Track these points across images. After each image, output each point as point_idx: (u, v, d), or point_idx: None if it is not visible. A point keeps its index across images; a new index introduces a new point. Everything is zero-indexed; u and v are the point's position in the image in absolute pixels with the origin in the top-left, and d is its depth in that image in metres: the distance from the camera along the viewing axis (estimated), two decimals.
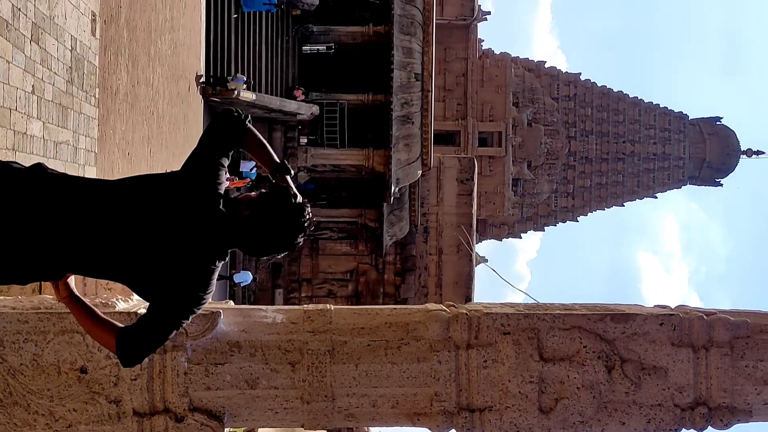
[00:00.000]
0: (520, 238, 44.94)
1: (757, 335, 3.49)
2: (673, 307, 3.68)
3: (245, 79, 21.87)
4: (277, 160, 3.24)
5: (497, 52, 41.02)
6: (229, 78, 21.40)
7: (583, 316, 3.44)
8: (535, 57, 57.57)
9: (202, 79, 20.10)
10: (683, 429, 3.43)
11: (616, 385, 3.41)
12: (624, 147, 43.67)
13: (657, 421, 3.43)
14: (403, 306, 3.60)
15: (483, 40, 40.44)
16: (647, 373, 3.43)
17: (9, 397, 3.13)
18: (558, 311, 3.47)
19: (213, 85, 20.97)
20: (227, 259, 3.21)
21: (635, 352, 3.43)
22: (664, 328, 3.46)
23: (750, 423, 3.49)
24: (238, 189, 25.66)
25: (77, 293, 3.01)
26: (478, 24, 38.88)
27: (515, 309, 3.51)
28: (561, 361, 3.40)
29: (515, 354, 3.38)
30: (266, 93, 24.62)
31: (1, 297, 3.46)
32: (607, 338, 3.42)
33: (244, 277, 25.37)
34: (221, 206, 3.11)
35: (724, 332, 3.45)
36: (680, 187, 46.95)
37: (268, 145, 3.28)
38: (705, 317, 3.49)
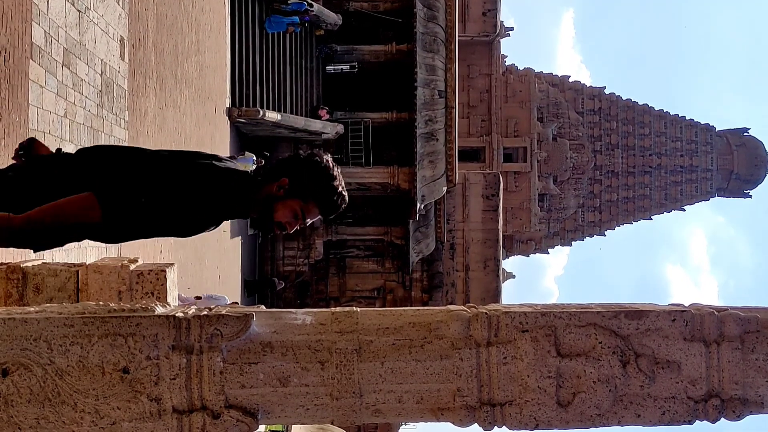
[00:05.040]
0: (548, 253, 44.80)
1: (767, 329, 3.62)
2: (686, 305, 3.82)
3: (255, 158, 21.33)
4: None
5: (521, 67, 41.15)
6: (237, 158, 20.35)
7: (598, 314, 3.60)
8: (559, 72, 57.51)
9: None
10: (697, 421, 3.57)
11: (631, 379, 3.55)
12: (650, 160, 43.51)
13: (671, 414, 3.56)
14: (426, 307, 3.78)
15: (506, 56, 40.61)
16: (661, 367, 3.57)
17: (57, 397, 3.33)
18: (574, 309, 3.63)
19: None
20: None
21: (649, 347, 3.58)
22: (677, 324, 3.60)
23: (762, 414, 3.62)
24: None
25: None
26: (501, 40, 39.08)
27: (533, 308, 3.68)
28: (577, 357, 3.55)
29: (533, 350, 3.54)
30: (291, 113, 24.95)
31: (47, 304, 3.68)
32: (621, 334, 3.57)
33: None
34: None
35: (734, 327, 3.58)
36: (708, 200, 46.60)
37: None
38: (716, 313, 3.63)
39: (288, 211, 3.58)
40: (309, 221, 3.68)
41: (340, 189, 3.57)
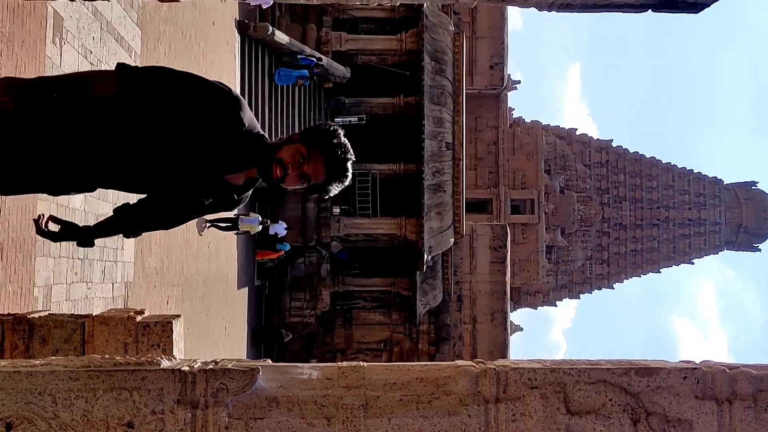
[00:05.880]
0: (556, 306, 44.59)
1: None
2: (697, 362, 3.79)
3: (260, 218, 20.47)
4: None
5: (528, 120, 41.41)
6: (242, 219, 19.70)
7: (608, 371, 3.56)
8: (566, 124, 57.90)
9: (206, 223, 17.88)
10: None
11: None
12: (658, 213, 43.50)
13: None
14: (434, 363, 3.75)
15: (513, 109, 40.89)
16: (672, 426, 3.52)
17: None
18: (583, 366, 3.59)
19: (222, 228, 19.06)
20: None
21: (660, 405, 3.53)
22: (688, 382, 3.56)
23: None
24: (272, 260, 25.88)
25: None
26: (508, 93, 39.35)
27: (542, 364, 3.64)
28: (587, 414, 3.51)
29: (543, 407, 3.50)
30: None
31: (53, 357, 3.67)
32: (631, 391, 3.53)
33: (279, 229, 24.14)
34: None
35: (747, 385, 3.54)
36: (717, 253, 46.50)
37: None
38: (728, 371, 3.59)
39: (293, 150, 3.44)
40: (312, 175, 3.46)
41: (347, 147, 3.47)
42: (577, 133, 43.09)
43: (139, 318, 5.81)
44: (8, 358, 5.31)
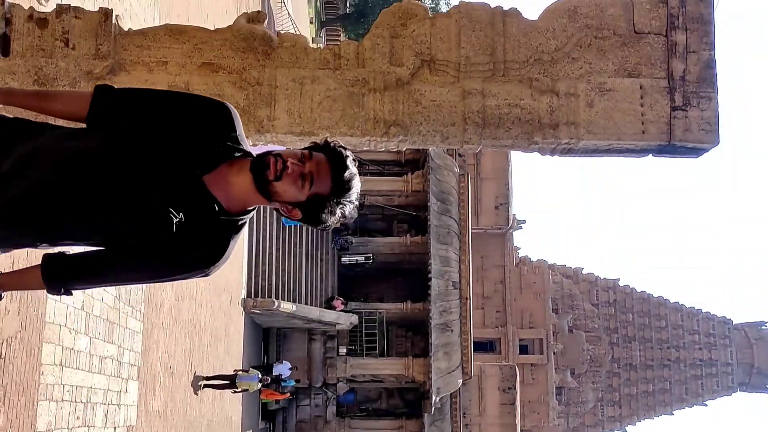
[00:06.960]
0: None
1: None
2: None
3: (260, 375, 19.63)
4: None
5: (534, 259, 41.55)
6: (240, 376, 18.87)
7: None
8: (572, 263, 58.08)
9: (203, 382, 17.02)
10: None
11: None
12: (669, 353, 43.00)
13: None
14: None
15: (519, 248, 41.09)
16: None
17: None
18: None
19: (219, 387, 18.06)
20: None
21: None
22: None
23: None
24: (277, 402, 25.43)
25: None
26: (514, 232, 39.64)
27: None
28: None
29: None
30: (306, 303, 25.05)
31: None
32: None
33: (284, 370, 23.22)
34: None
35: None
36: (730, 395, 45.61)
37: None
38: None
39: (293, 152, 2.88)
40: (315, 176, 2.81)
41: (352, 156, 2.90)
42: (584, 272, 43.16)
43: None
44: None
